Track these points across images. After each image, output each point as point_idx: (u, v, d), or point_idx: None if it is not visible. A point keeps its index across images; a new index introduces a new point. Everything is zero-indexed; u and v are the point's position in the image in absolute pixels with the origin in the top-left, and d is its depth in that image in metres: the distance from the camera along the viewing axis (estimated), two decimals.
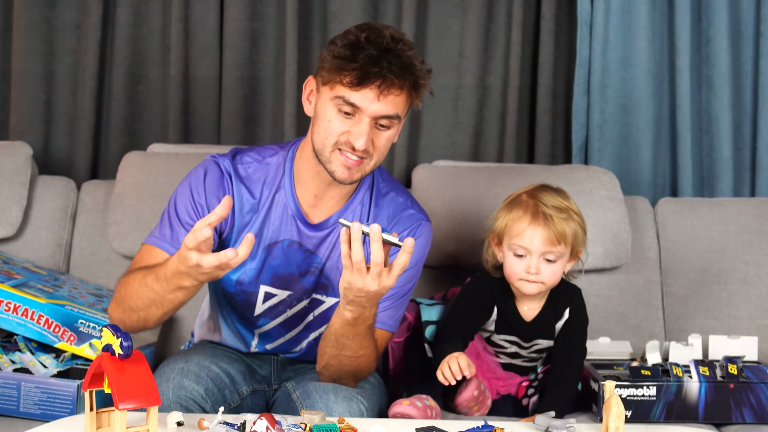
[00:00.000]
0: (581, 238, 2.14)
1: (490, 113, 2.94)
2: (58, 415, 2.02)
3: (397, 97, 1.91)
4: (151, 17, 2.90)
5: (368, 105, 1.89)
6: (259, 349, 2.16)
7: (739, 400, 2.13)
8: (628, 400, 2.12)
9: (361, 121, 1.90)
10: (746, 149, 2.91)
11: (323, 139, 1.94)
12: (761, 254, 2.64)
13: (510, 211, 2.13)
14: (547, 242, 2.08)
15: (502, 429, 1.76)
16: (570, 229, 2.10)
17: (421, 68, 1.93)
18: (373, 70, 1.86)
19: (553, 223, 2.08)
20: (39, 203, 2.62)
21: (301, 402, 1.98)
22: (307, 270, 2.07)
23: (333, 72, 1.90)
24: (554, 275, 2.11)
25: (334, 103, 1.91)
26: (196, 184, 2.01)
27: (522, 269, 2.10)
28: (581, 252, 2.17)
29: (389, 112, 1.91)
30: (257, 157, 2.06)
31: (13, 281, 2.23)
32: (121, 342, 1.63)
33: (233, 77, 2.88)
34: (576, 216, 2.12)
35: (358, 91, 1.88)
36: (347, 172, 1.94)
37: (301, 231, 2.04)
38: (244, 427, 1.69)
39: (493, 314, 2.17)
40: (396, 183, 2.15)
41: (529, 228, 2.09)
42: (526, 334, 2.17)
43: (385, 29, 1.92)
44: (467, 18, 2.91)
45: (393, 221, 2.07)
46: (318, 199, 2.04)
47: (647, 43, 2.85)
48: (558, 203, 2.11)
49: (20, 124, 2.87)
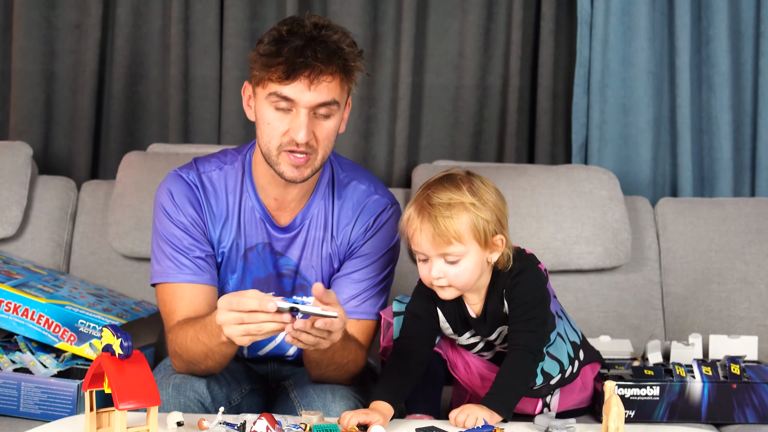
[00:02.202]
0: (487, 227, 1.90)
1: (490, 113, 2.94)
2: (59, 415, 2.02)
3: (330, 83, 1.89)
4: (151, 17, 2.90)
5: (301, 96, 1.88)
6: (250, 355, 2.16)
7: (741, 400, 2.13)
8: (631, 399, 2.12)
9: (298, 114, 1.89)
10: (746, 149, 2.91)
11: (267, 143, 1.93)
12: (761, 254, 2.64)
13: (409, 207, 1.93)
14: (437, 245, 1.88)
15: (502, 429, 1.76)
16: (463, 224, 1.87)
17: (350, 51, 1.91)
18: (299, 61, 1.85)
19: (437, 224, 1.87)
20: (39, 203, 2.61)
21: (299, 402, 1.98)
22: (282, 272, 2.07)
23: (262, 70, 1.89)
24: (460, 277, 1.91)
25: (269, 101, 1.90)
26: (169, 206, 2.02)
27: (427, 273, 1.92)
28: (503, 240, 1.93)
29: (325, 99, 1.89)
30: (218, 164, 2.07)
31: (13, 281, 2.23)
32: (121, 342, 1.62)
33: (233, 77, 2.88)
34: (473, 207, 1.89)
35: (289, 84, 1.87)
36: (296, 171, 1.93)
37: (271, 233, 2.05)
38: (244, 427, 1.69)
39: (440, 317, 2.03)
40: (356, 168, 2.13)
41: (416, 231, 1.89)
42: (481, 329, 2.02)
43: (306, 19, 1.91)
44: (467, 18, 2.91)
45: (358, 211, 2.06)
46: (279, 202, 2.04)
47: (647, 43, 2.84)
48: (446, 198, 1.89)
49: (20, 124, 2.87)
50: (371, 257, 2.06)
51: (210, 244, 2.04)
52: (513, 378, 1.91)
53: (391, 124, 2.93)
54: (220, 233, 2.04)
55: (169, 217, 2.02)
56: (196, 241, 2.02)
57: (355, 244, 2.06)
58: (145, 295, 2.55)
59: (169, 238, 2.01)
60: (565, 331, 2.08)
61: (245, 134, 2.91)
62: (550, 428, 1.78)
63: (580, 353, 2.09)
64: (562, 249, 2.58)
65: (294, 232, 2.06)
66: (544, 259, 2.57)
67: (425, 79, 2.94)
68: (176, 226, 2.01)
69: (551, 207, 2.61)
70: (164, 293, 2.02)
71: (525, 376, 1.93)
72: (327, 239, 2.06)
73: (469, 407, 1.82)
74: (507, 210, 1.97)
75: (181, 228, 2.01)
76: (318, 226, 2.06)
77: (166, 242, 2.01)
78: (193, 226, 2.02)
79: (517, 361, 1.92)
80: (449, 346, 2.10)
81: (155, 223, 2.04)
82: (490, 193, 1.94)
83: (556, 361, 2.03)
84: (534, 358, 1.95)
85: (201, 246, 2.02)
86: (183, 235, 2.01)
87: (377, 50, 2.90)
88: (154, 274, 2.03)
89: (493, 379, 1.97)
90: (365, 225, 2.06)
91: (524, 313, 1.95)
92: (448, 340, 2.09)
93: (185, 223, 2.01)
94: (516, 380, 1.91)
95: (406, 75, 2.86)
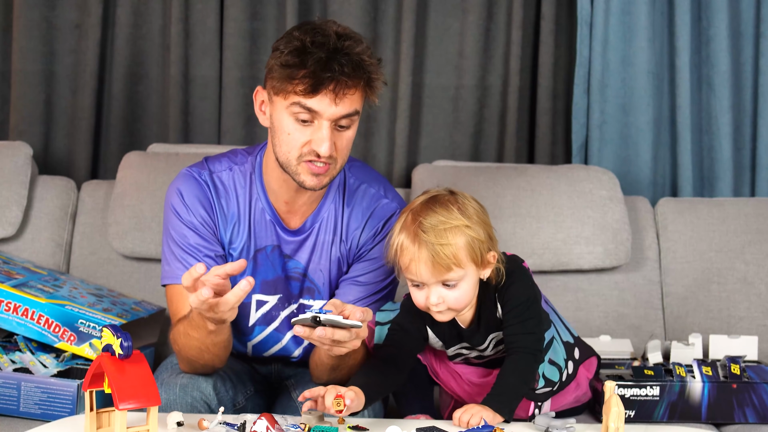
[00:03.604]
0: (482, 246, 1.88)
1: (490, 113, 2.94)
2: (58, 415, 2.02)
3: (353, 96, 1.89)
4: (151, 17, 2.90)
5: (326, 109, 1.86)
6: (255, 355, 2.16)
7: (741, 400, 2.13)
8: (631, 399, 2.12)
9: (321, 126, 1.87)
10: (746, 149, 2.91)
11: (286, 153, 1.92)
12: (761, 254, 2.64)
13: (398, 235, 1.89)
14: (436, 273, 1.85)
15: (502, 429, 1.76)
16: (460, 249, 1.85)
17: (371, 62, 1.90)
18: (326, 76, 1.83)
19: (436, 252, 1.83)
20: (39, 203, 2.61)
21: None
22: (290, 275, 2.07)
23: (284, 81, 1.86)
24: (459, 300, 1.89)
25: (290, 111, 1.88)
26: (179, 206, 2.01)
27: (423, 299, 1.89)
28: (494, 256, 1.92)
29: (348, 111, 1.89)
30: (229, 164, 2.06)
31: (13, 281, 2.23)
32: (121, 342, 1.62)
33: (233, 77, 2.88)
34: (468, 229, 1.86)
35: (314, 98, 1.85)
36: (316, 179, 1.92)
37: (281, 236, 2.05)
38: (244, 427, 1.69)
39: (429, 334, 2.01)
40: (366, 170, 2.12)
41: (413, 260, 1.85)
42: (474, 339, 2.00)
43: (327, 27, 1.88)
44: (467, 18, 2.91)
45: (368, 215, 2.06)
46: (289, 205, 2.03)
47: (647, 43, 2.84)
48: (440, 224, 1.85)
49: (20, 124, 2.87)
50: (378, 261, 2.05)
51: (220, 245, 2.04)
52: (515, 379, 1.90)
53: (391, 124, 2.93)
54: (231, 234, 2.04)
55: (179, 217, 2.01)
56: (206, 242, 2.01)
57: (363, 248, 2.06)
58: (145, 295, 2.55)
59: (179, 240, 2.01)
60: (558, 332, 2.07)
61: (245, 134, 2.91)
62: (550, 428, 1.78)
63: (575, 352, 2.09)
64: (562, 249, 2.58)
65: (304, 235, 2.05)
66: (544, 259, 2.58)
67: (425, 79, 2.94)
68: (186, 226, 2.01)
69: (551, 207, 2.61)
70: (172, 294, 2.02)
71: (526, 377, 1.93)
72: (336, 243, 2.06)
73: (472, 407, 1.82)
74: (489, 218, 1.95)
75: (192, 229, 2.00)
76: (327, 230, 2.05)
77: (176, 243, 2.01)
78: (203, 227, 2.01)
79: (519, 362, 1.91)
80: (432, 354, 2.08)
81: (165, 223, 2.04)
82: (475, 209, 1.91)
83: (556, 367, 2.03)
84: (535, 358, 1.94)
85: (211, 246, 2.02)
86: (193, 235, 2.00)
87: (377, 50, 2.90)
88: (164, 275, 2.04)
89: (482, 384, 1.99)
90: (374, 229, 2.05)
91: (520, 314, 1.94)
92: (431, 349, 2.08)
93: (195, 224, 2.01)
94: (518, 381, 1.90)
95: (406, 75, 2.86)
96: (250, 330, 2.10)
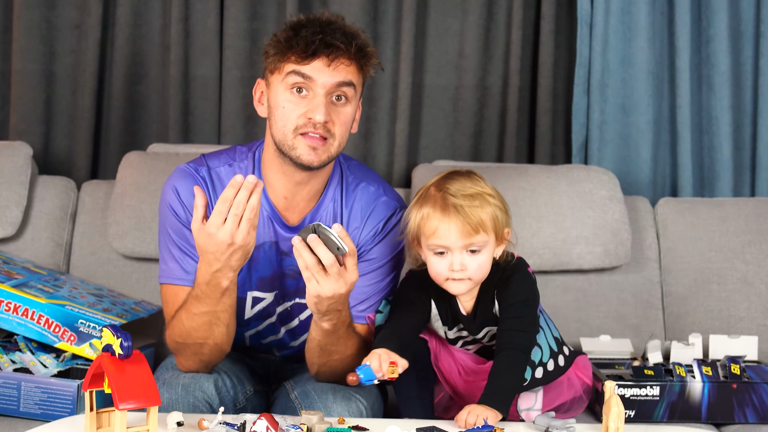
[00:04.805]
0: (503, 220, 1.96)
1: (490, 113, 2.94)
2: (59, 415, 2.02)
3: (348, 66, 1.92)
4: (151, 17, 2.90)
5: (319, 75, 1.90)
6: (252, 343, 2.17)
7: (741, 400, 2.13)
8: (631, 399, 2.12)
9: (316, 94, 1.91)
10: (746, 149, 2.91)
11: (282, 127, 1.93)
12: (761, 254, 2.64)
13: (420, 208, 1.95)
14: (465, 234, 1.91)
15: (502, 429, 1.76)
16: (487, 214, 1.92)
17: (365, 38, 1.96)
18: (318, 38, 1.89)
19: (466, 213, 1.90)
20: (39, 203, 2.61)
21: (299, 402, 1.98)
22: (286, 272, 2.07)
23: (280, 55, 1.93)
24: (481, 268, 1.94)
25: (286, 84, 1.92)
26: (176, 204, 2.01)
27: (445, 268, 1.94)
28: (509, 233, 1.99)
29: (343, 79, 1.92)
30: (228, 160, 2.06)
31: (13, 281, 2.23)
32: (121, 342, 1.63)
33: (233, 77, 2.88)
34: (492, 198, 1.95)
35: (309, 63, 1.90)
36: (313, 153, 1.93)
37: (278, 233, 2.04)
38: (244, 427, 1.69)
39: (433, 309, 2.05)
40: (364, 169, 2.13)
41: (441, 224, 1.91)
42: (470, 327, 2.04)
43: (321, 14, 1.96)
44: (467, 18, 2.91)
45: (367, 214, 2.06)
46: (288, 201, 2.03)
47: (647, 43, 2.85)
48: (468, 189, 1.93)
49: (20, 124, 2.87)
50: (378, 261, 2.05)
51: None
52: (510, 377, 1.92)
53: (391, 124, 2.93)
54: None
55: (176, 215, 2.01)
56: None
57: (363, 247, 2.05)
58: (145, 295, 2.55)
59: (176, 239, 2.01)
60: (547, 323, 2.09)
61: (245, 134, 2.91)
62: (550, 428, 1.78)
63: (564, 349, 2.10)
64: (562, 249, 2.58)
65: None
66: (544, 259, 2.58)
67: (425, 79, 2.94)
68: (183, 225, 2.00)
69: (551, 207, 2.61)
70: (167, 293, 2.02)
71: (520, 374, 1.95)
72: None
73: (474, 407, 1.83)
74: None
75: (187, 227, 2.00)
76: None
77: (173, 242, 2.01)
78: None
79: (512, 359, 1.93)
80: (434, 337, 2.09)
81: (162, 221, 2.04)
82: (491, 186, 1.99)
83: (538, 347, 2.04)
84: (526, 358, 1.97)
85: None
86: (189, 234, 1.99)
87: (377, 50, 2.90)
88: (162, 273, 2.04)
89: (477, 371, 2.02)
90: (374, 229, 2.05)
91: (516, 311, 1.97)
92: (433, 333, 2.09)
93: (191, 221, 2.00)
94: (512, 379, 1.92)
95: (406, 75, 2.86)
96: (246, 323, 2.11)
